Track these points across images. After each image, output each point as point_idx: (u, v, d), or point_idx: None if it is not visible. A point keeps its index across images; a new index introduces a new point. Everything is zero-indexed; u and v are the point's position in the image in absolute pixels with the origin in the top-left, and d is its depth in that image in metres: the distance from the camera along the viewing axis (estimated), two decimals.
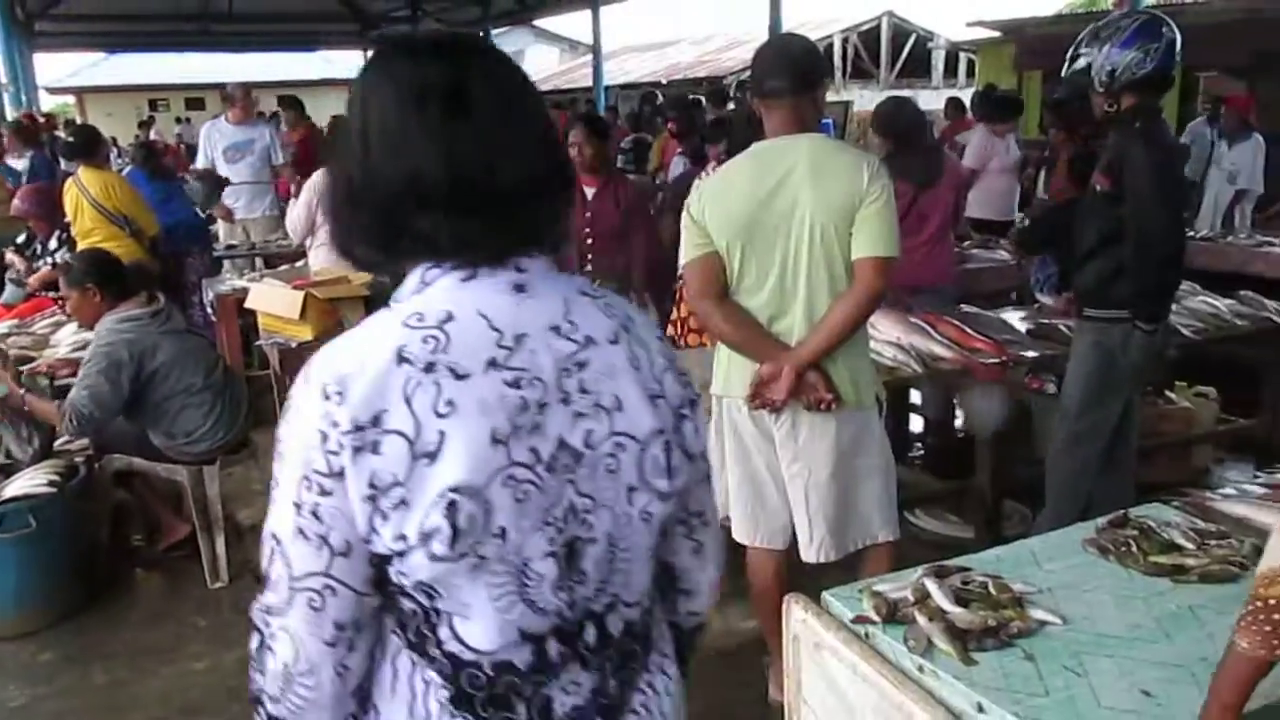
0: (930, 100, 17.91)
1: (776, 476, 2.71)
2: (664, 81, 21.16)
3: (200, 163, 7.65)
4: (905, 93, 13.17)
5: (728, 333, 2.64)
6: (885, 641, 1.82)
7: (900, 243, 2.58)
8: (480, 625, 1.07)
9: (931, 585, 1.92)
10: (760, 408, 2.61)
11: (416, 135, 1.03)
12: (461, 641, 1.08)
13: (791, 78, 2.57)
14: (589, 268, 5.00)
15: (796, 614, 1.99)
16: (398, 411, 1.00)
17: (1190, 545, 2.05)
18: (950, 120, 11.82)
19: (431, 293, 1.07)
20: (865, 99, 19.32)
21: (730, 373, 2.69)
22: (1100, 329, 3.21)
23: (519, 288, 1.08)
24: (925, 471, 4.88)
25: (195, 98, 29.02)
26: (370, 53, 1.12)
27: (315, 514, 1.02)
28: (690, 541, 1.31)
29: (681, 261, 2.67)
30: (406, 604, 1.08)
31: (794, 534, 2.74)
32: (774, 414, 2.62)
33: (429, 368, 1.02)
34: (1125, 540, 2.09)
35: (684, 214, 2.68)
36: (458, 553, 1.02)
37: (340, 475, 1.01)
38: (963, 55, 22.16)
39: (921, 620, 1.82)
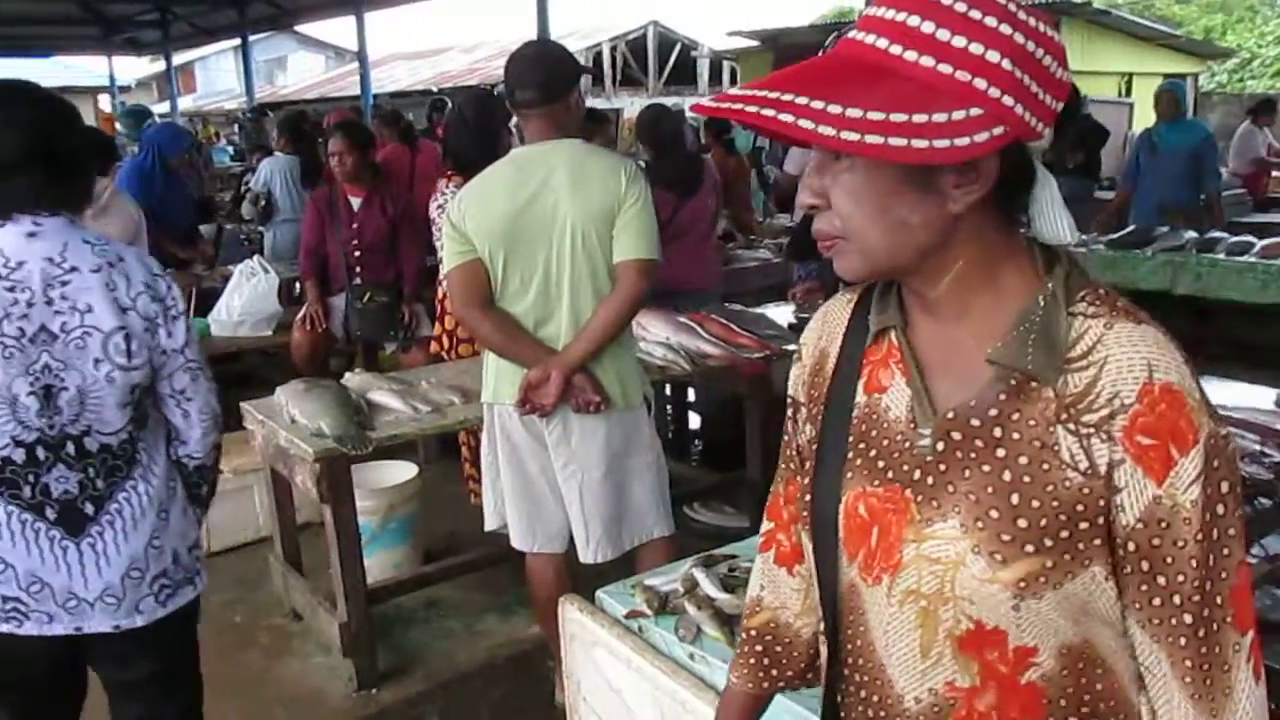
0: None
1: (551, 480, 2.71)
2: (435, 90, 20.86)
3: None
4: (673, 100, 13.52)
5: (494, 340, 2.63)
6: (658, 634, 1.87)
7: (664, 247, 2.64)
8: None
9: (700, 575, 1.98)
10: (530, 413, 2.61)
11: None
12: None
13: (540, 88, 2.58)
14: (357, 281, 4.86)
15: (571, 614, 2.01)
16: None
17: None
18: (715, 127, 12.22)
19: None
20: (636, 106, 19.68)
21: (499, 380, 2.68)
22: None
23: (31, 234, 1.76)
24: (701, 466, 5.02)
25: None
26: None
27: None
28: (180, 409, 1.95)
29: (443, 270, 2.64)
30: None
31: (571, 537, 2.76)
32: (544, 418, 2.63)
33: None
34: None
35: (445, 222, 2.65)
36: None
37: None
38: (726, 64, 22.97)
39: (691, 609, 1.87)
